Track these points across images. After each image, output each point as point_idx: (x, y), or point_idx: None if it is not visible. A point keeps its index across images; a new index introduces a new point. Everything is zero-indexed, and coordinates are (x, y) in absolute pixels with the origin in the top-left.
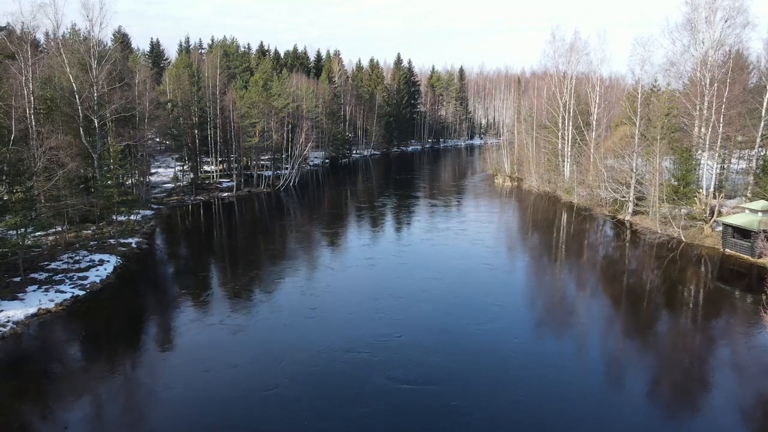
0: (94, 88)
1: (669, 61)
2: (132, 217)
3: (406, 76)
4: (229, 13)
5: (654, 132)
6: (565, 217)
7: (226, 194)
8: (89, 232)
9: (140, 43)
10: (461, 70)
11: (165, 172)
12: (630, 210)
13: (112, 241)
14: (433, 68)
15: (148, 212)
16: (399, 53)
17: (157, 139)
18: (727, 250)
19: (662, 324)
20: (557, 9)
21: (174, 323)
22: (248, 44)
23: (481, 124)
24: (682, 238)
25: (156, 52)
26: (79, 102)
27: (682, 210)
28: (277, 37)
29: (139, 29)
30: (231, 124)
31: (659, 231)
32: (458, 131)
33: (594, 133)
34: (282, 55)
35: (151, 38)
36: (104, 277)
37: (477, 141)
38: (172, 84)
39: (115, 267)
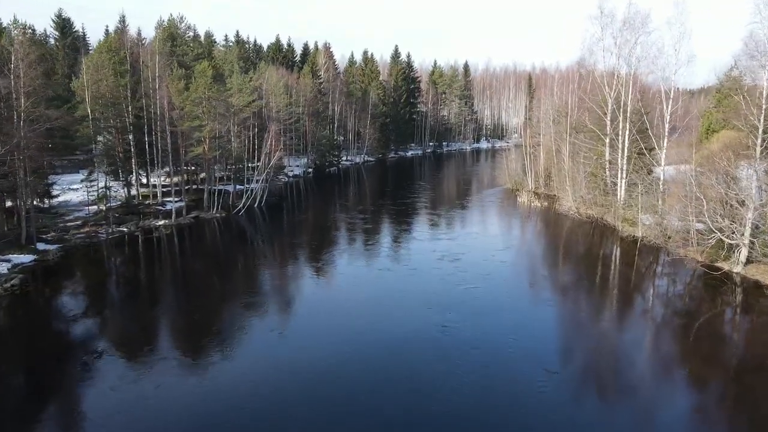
0: None
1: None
2: None
3: (404, 71)
4: (227, 14)
5: None
6: (629, 261)
7: (162, 222)
8: None
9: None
10: (466, 66)
11: (91, 191)
12: (742, 257)
13: None
14: (435, 63)
15: (27, 258)
16: (396, 45)
17: (78, 151)
18: None
19: None
20: (561, 7)
21: None
22: (226, 35)
23: (486, 125)
24: None
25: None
26: None
27: None
28: (274, 37)
29: (135, 29)
30: (167, 126)
31: None
32: (463, 133)
33: (665, 141)
34: (265, 48)
35: (106, 26)
36: None
37: (484, 144)
38: (90, 74)
39: None
